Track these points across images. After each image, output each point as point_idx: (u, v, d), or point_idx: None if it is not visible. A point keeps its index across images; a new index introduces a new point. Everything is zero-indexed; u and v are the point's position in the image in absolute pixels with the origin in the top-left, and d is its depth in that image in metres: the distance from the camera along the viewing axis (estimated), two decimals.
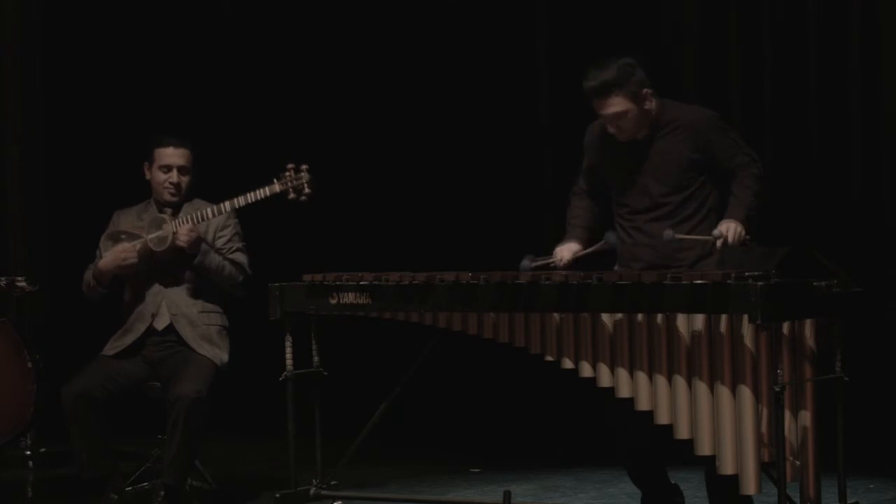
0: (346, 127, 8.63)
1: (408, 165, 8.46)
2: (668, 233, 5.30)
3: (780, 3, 7.48)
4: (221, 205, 6.08)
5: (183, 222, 6.07)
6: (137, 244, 6.13)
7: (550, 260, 5.58)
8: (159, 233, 6.10)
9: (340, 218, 8.50)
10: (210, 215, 6.09)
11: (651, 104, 5.41)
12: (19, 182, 8.63)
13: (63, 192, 8.69)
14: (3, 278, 6.97)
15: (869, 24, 7.29)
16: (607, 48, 7.84)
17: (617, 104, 5.38)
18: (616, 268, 5.55)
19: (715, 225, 5.35)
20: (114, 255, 6.17)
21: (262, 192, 6.03)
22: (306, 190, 6.05)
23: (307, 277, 5.81)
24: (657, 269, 5.29)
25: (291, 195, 6.06)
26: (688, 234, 5.36)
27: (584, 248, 5.59)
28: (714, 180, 5.46)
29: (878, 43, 7.29)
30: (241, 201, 6.05)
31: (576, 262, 5.55)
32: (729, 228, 5.25)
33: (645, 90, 5.40)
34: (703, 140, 5.41)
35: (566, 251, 5.58)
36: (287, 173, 6.06)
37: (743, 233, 5.27)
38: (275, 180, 6.05)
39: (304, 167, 6.06)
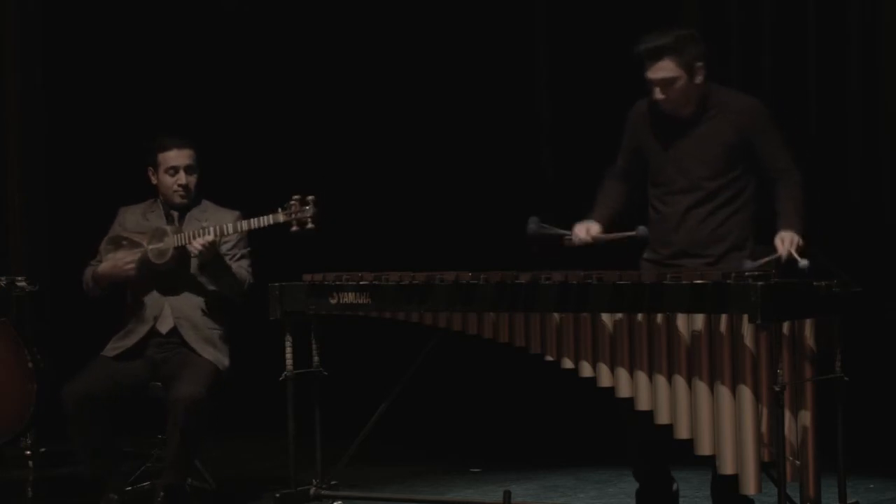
0: (347, 127, 8.64)
1: (408, 165, 8.46)
2: (748, 263, 5.17)
3: (780, 2, 7.48)
4: (224, 226, 6.01)
5: (186, 237, 6.02)
6: (138, 253, 6.11)
7: (564, 233, 5.47)
8: (160, 245, 6.08)
9: (340, 218, 8.49)
10: (211, 234, 6.00)
11: (701, 79, 5.35)
12: (19, 182, 8.63)
13: (63, 192, 8.69)
14: (3, 278, 6.97)
15: (869, 24, 7.30)
16: (607, 48, 7.92)
17: (667, 69, 5.31)
18: (646, 254, 5.49)
19: (751, 216, 5.36)
20: (113, 262, 6.15)
21: (266, 220, 5.93)
22: (309, 225, 5.95)
23: (307, 277, 5.81)
24: (687, 255, 5.32)
25: (294, 227, 5.95)
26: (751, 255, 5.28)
27: (604, 230, 5.47)
28: (754, 171, 5.40)
29: (878, 43, 7.29)
30: (243, 226, 5.98)
31: (593, 246, 5.44)
32: (792, 243, 5.18)
33: (699, 64, 5.35)
34: (752, 130, 5.36)
35: (583, 230, 5.48)
36: (293, 204, 5.97)
37: (800, 243, 5.21)
38: (279, 210, 5.95)
39: (310, 199, 5.96)
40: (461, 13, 8.37)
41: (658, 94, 5.37)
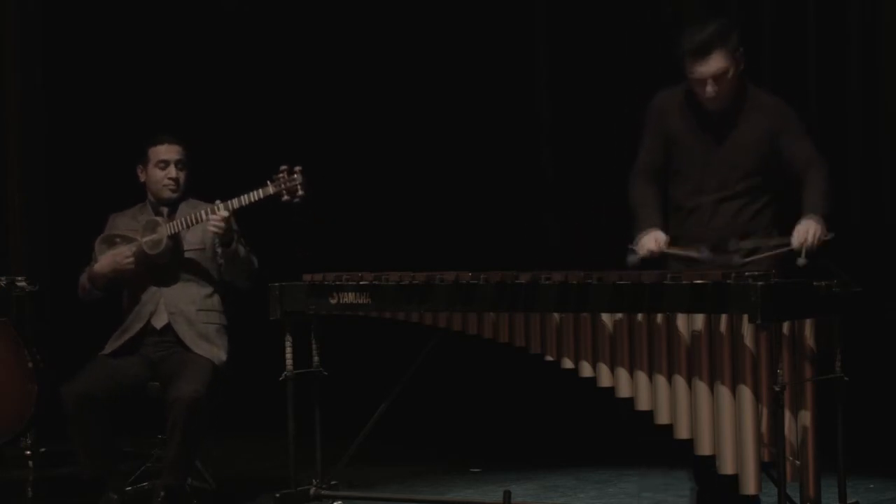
0: (347, 127, 8.64)
1: (408, 165, 8.46)
2: (736, 258, 5.20)
3: (780, 2, 7.48)
4: (216, 205, 6.05)
5: (177, 226, 6.05)
6: (133, 247, 6.12)
7: (642, 255, 5.35)
8: (153, 236, 6.09)
9: (340, 218, 8.50)
10: (204, 216, 6.04)
11: (743, 67, 5.33)
12: (19, 182, 8.63)
13: (63, 193, 8.69)
14: (3, 278, 6.96)
15: (869, 24, 7.29)
16: (607, 48, 7.92)
17: (718, 62, 5.26)
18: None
19: (771, 217, 5.34)
20: (110, 258, 6.17)
21: (256, 195, 5.99)
22: (300, 192, 5.99)
23: (307, 277, 5.81)
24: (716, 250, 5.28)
25: (285, 197, 6.00)
26: (748, 239, 5.27)
27: (669, 240, 5.37)
28: (781, 167, 5.38)
29: (879, 43, 7.29)
30: (234, 203, 6.02)
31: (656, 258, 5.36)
32: (808, 231, 5.18)
33: (740, 50, 5.33)
34: (782, 127, 5.35)
35: (653, 242, 5.36)
36: (280, 175, 6.01)
37: (823, 232, 5.19)
38: (268, 182, 6.00)
39: (297, 169, 6.01)
40: (461, 13, 8.36)
41: (710, 90, 5.29)
